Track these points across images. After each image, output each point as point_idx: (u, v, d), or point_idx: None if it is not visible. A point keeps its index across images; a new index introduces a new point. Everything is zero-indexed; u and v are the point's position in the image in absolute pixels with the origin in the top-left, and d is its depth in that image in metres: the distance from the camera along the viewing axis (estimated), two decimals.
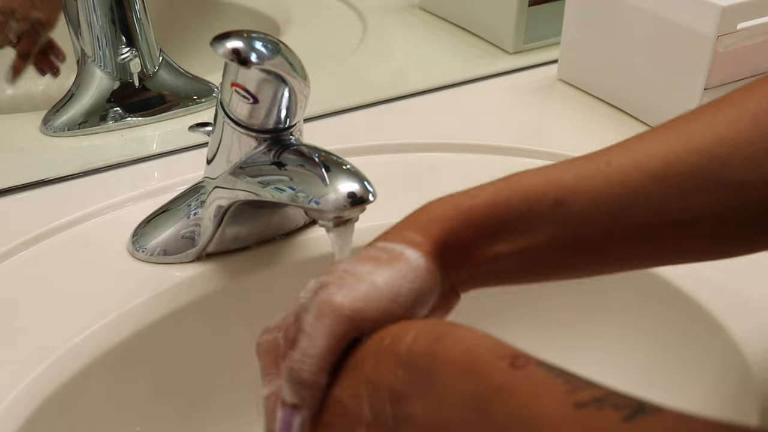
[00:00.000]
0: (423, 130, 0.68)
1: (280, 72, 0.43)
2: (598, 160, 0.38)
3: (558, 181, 0.37)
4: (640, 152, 0.37)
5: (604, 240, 0.37)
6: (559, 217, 0.37)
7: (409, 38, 0.86)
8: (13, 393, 0.44)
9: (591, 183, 0.37)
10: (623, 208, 0.36)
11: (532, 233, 0.37)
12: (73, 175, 0.62)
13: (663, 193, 0.36)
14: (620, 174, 0.37)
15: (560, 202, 0.37)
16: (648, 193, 0.36)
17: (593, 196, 0.37)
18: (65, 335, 0.47)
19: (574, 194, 0.37)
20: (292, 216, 0.55)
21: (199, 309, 0.52)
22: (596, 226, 0.37)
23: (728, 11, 0.59)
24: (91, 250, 0.55)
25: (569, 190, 0.37)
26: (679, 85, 0.64)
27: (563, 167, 0.38)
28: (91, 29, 0.66)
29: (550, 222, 0.37)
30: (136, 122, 0.69)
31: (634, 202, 0.36)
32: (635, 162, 0.37)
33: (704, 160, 0.36)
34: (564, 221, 0.37)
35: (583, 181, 0.37)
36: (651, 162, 0.36)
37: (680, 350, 0.53)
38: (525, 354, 0.29)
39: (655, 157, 0.36)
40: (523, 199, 0.37)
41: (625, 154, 0.37)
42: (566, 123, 0.70)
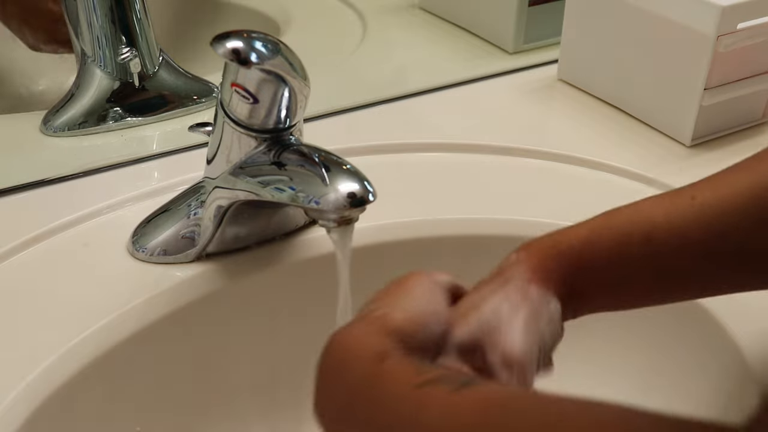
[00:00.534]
0: (423, 130, 0.68)
1: (280, 72, 0.43)
2: (685, 195, 0.39)
3: (647, 218, 0.39)
4: (726, 186, 0.39)
5: (695, 272, 0.39)
6: (648, 253, 0.38)
7: (409, 38, 0.86)
8: (13, 393, 0.44)
9: (679, 219, 0.38)
10: (712, 242, 0.38)
11: (623, 270, 0.39)
12: (73, 175, 0.62)
13: (751, 225, 0.37)
14: (708, 208, 0.38)
15: (649, 239, 0.38)
16: (736, 225, 0.37)
17: (682, 232, 0.38)
18: (65, 335, 0.47)
19: (663, 231, 0.38)
20: (292, 216, 0.55)
21: (199, 309, 0.52)
22: (686, 261, 0.38)
23: (728, 11, 0.59)
24: (91, 250, 0.55)
25: (658, 226, 0.39)
26: (679, 85, 0.64)
27: (652, 203, 0.40)
28: (91, 29, 0.66)
29: (640, 258, 0.38)
30: (136, 122, 0.68)
31: (723, 236, 0.38)
32: (721, 196, 0.38)
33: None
34: (653, 257, 0.38)
35: (672, 218, 0.39)
36: (738, 196, 0.38)
37: (680, 351, 0.53)
38: (393, 348, 0.33)
39: (742, 189, 0.38)
40: (613, 237, 0.39)
41: (711, 189, 0.39)
42: (566, 123, 0.70)
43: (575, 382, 0.56)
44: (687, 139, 0.65)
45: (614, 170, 0.63)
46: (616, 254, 0.39)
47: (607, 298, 0.40)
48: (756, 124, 0.68)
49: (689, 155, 0.64)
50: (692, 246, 0.38)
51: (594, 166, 0.63)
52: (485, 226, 0.57)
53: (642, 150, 0.65)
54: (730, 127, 0.67)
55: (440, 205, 0.59)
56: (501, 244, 0.57)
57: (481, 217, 0.58)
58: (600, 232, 0.39)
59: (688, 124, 0.64)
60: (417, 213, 0.58)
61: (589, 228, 0.40)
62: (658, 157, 0.64)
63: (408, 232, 0.57)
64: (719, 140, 0.66)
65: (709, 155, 0.64)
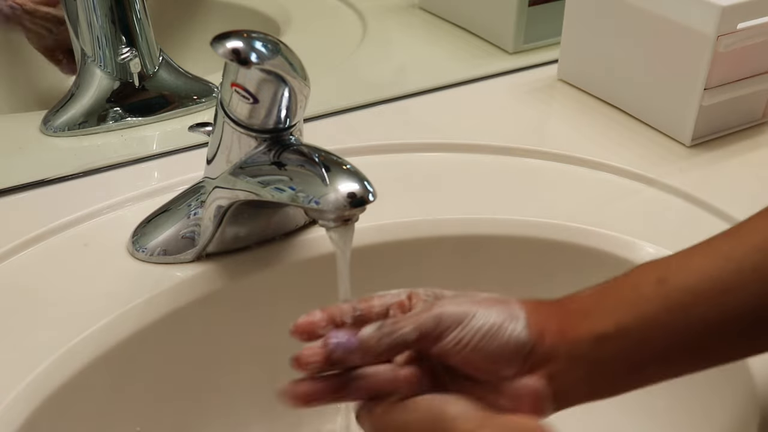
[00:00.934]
0: (423, 130, 0.68)
1: (280, 72, 0.43)
2: (701, 243, 0.39)
3: (662, 263, 0.39)
4: (744, 229, 0.38)
5: (713, 314, 0.37)
6: (662, 293, 0.37)
7: (409, 38, 0.86)
8: (13, 393, 0.44)
9: (694, 260, 0.38)
10: (730, 281, 0.36)
11: (637, 310, 0.37)
12: (73, 175, 0.62)
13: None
14: (725, 249, 0.37)
15: (662, 280, 0.37)
16: (754, 263, 0.36)
17: (697, 272, 0.37)
18: (65, 335, 0.47)
19: (677, 271, 0.38)
20: (292, 216, 0.55)
21: (199, 309, 0.52)
22: (702, 301, 0.37)
23: (728, 11, 0.59)
24: (91, 250, 0.55)
25: (672, 269, 0.38)
26: (679, 85, 0.64)
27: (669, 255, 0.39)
28: (91, 29, 0.66)
29: (654, 299, 0.37)
30: (136, 122, 0.69)
31: (741, 274, 0.36)
32: (739, 238, 0.38)
33: None
34: (667, 297, 0.37)
35: (686, 260, 0.38)
36: (755, 235, 0.37)
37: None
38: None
39: (760, 230, 0.37)
40: (626, 279, 0.39)
41: (728, 234, 0.39)
42: (566, 123, 0.70)
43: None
44: (687, 139, 0.65)
45: (614, 170, 0.63)
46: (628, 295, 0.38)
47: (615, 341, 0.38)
48: (756, 124, 0.68)
49: (689, 155, 0.64)
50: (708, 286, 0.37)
51: (594, 166, 0.63)
52: (485, 226, 0.57)
53: (642, 150, 0.65)
54: (730, 127, 0.67)
55: (440, 205, 0.59)
56: (501, 244, 0.57)
57: (481, 217, 0.58)
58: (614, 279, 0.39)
59: (688, 124, 0.64)
60: (417, 213, 0.58)
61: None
62: (658, 157, 0.64)
63: (408, 232, 0.57)
64: (719, 140, 0.66)
65: (709, 155, 0.64)
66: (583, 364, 0.37)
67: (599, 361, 0.38)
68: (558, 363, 0.37)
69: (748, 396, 0.47)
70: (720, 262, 0.37)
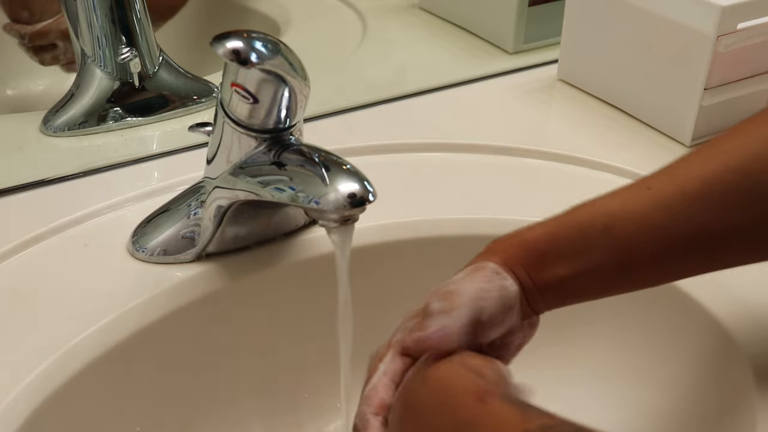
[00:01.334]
0: (423, 130, 0.68)
1: (280, 72, 0.43)
2: (641, 186, 0.41)
3: (606, 209, 0.41)
4: (681, 176, 0.41)
5: (653, 258, 0.40)
6: (608, 241, 0.41)
7: (409, 38, 0.86)
8: (13, 393, 0.44)
9: (636, 208, 0.41)
10: (667, 228, 0.40)
11: (587, 257, 0.41)
12: (73, 175, 0.62)
13: (703, 212, 0.39)
14: (662, 198, 0.40)
15: (608, 228, 0.41)
16: (689, 214, 0.40)
17: (638, 220, 0.40)
18: (65, 335, 0.47)
19: (621, 219, 0.41)
20: (292, 216, 0.55)
21: (199, 309, 0.52)
22: (644, 247, 0.40)
23: (728, 11, 0.59)
24: (91, 250, 0.55)
25: (616, 216, 0.41)
26: (679, 85, 0.64)
27: (611, 196, 0.42)
28: (91, 29, 0.66)
29: (601, 246, 0.41)
30: (136, 122, 0.69)
31: (676, 222, 0.40)
32: (675, 186, 0.40)
33: (739, 177, 0.39)
34: (614, 244, 0.40)
35: (629, 207, 0.41)
36: (690, 184, 0.40)
37: (679, 350, 0.53)
38: (491, 389, 0.34)
39: (694, 178, 0.40)
40: (575, 228, 0.41)
41: (666, 179, 0.41)
42: (566, 123, 0.70)
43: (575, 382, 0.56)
44: (687, 139, 0.65)
45: (614, 170, 0.63)
46: (578, 245, 0.41)
47: (574, 288, 0.42)
48: None
49: None
50: (648, 232, 0.40)
51: (594, 166, 0.63)
52: (485, 226, 0.57)
53: (642, 150, 0.65)
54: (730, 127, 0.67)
55: (440, 205, 0.59)
56: None
57: (481, 217, 0.58)
58: (562, 226, 0.42)
59: (688, 124, 0.64)
60: (417, 213, 0.58)
61: (554, 224, 0.42)
62: (658, 157, 0.64)
63: (408, 232, 0.57)
64: None
65: None
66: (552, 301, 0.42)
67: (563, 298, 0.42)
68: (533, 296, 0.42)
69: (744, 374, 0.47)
70: (658, 212, 0.40)
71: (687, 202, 0.40)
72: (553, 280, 0.41)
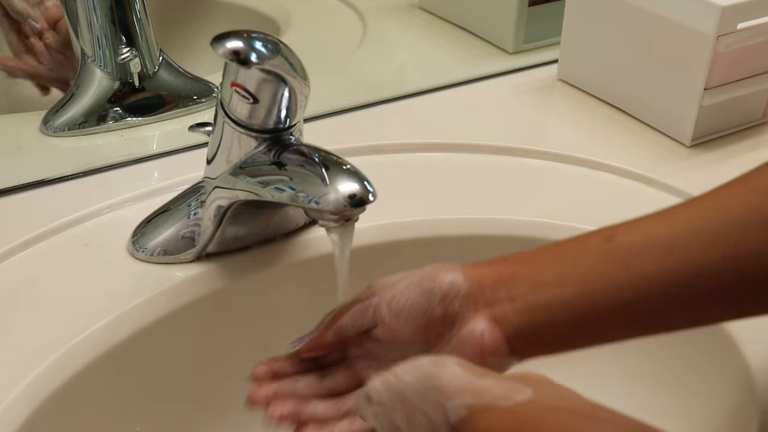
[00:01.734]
0: (423, 130, 0.68)
1: (280, 72, 0.43)
2: (657, 211, 0.39)
3: (613, 225, 0.39)
4: (699, 198, 0.38)
5: (655, 271, 0.37)
6: (606, 249, 0.38)
7: (409, 38, 0.86)
8: (13, 393, 0.44)
9: (642, 222, 0.39)
10: (673, 242, 0.37)
11: (579, 262, 0.38)
12: (73, 175, 0.62)
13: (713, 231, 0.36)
14: (673, 213, 0.38)
15: (609, 237, 0.38)
16: (699, 228, 0.37)
17: (642, 231, 0.38)
18: (65, 335, 0.47)
19: (624, 230, 0.38)
20: (292, 216, 0.55)
21: (199, 309, 0.52)
22: (644, 259, 0.37)
23: (728, 11, 0.59)
24: (91, 250, 0.55)
25: (620, 228, 0.39)
26: (679, 85, 0.64)
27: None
28: (91, 29, 0.66)
29: (597, 254, 0.38)
30: (136, 122, 0.69)
31: (684, 237, 0.37)
32: (691, 206, 0.38)
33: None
34: (611, 252, 0.38)
35: (635, 222, 0.39)
36: (705, 203, 0.38)
37: (679, 351, 0.53)
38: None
39: (711, 200, 0.38)
40: (575, 238, 0.39)
41: (684, 203, 0.39)
42: (566, 123, 0.70)
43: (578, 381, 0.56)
44: (687, 139, 0.65)
45: (614, 170, 0.63)
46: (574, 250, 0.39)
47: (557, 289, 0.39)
48: (756, 124, 0.68)
49: (689, 155, 0.64)
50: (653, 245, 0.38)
51: (594, 166, 0.63)
52: (485, 226, 0.57)
53: (642, 150, 0.65)
54: (730, 127, 0.67)
55: (440, 205, 0.59)
56: (501, 244, 0.57)
57: (481, 217, 0.58)
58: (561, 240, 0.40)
59: (688, 124, 0.64)
60: (417, 213, 0.58)
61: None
62: (658, 157, 0.64)
63: (408, 232, 0.57)
64: (719, 140, 0.66)
65: (709, 155, 0.64)
66: (524, 308, 0.38)
67: (540, 307, 0.38)
68: (500, 305, 0.38)
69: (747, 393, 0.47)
70: (666, 224, 0.38)
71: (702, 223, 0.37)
72: (535, 283, 0.38)
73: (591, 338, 0.39)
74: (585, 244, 0.39)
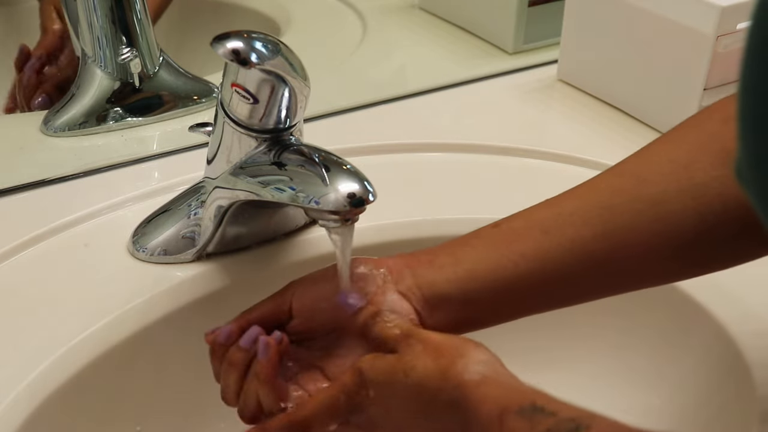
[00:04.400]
0: (423, 130, 0.68)
1: (280, 72, 0.43)
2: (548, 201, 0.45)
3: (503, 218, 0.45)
4: (583, 183, 0.44)
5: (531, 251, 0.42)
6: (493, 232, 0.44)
7: (409, 38, 0.86)
8: (13, 393, 0.44)
9: (527, 208, 0.44)
10: (548, 223, 0.42)
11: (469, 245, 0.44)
12: (73, 175, 0.62)
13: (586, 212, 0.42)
14: (553, 198, 0.44)
15: (496, 225, 0.44)
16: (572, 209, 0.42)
17: (524, 215, 0.44)
18: (65, 335, 0.47)
19: (510, 217, 0.44)
20: (292, 216, 0.55)
21: (199, 309, 0.52)
22: (524, 239, 0.42)
23: (728, 11, 0.59)
24: (91, 250, 0.55)
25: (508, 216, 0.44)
26: (678, 85, 0.64)
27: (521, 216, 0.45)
28: (92, 29, 0.66)
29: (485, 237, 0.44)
30: (137, 122, 0.69)
31: (559, 217, 0.42)
32: (573, 190, 0.44)
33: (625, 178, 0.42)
34: (495, 236, 0.43)
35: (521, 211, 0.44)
36: (585, 187, 0.43)
37: (680, 350, 0.53)
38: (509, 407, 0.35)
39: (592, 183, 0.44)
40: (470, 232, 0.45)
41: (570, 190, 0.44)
42: (566, 123, 0.70)
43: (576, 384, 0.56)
44: None
45: None
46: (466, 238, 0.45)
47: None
48: None
49: None
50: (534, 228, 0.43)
51: (594, 166, 0.63)
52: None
53: None
54: None
55: (440, 205, 0.59)
56: None
57: (481, 217, 0.58)
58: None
59: None
60: (417, 213, 0.58)
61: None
62: None
63: (408, 232, 0.57)
64: None
65: None
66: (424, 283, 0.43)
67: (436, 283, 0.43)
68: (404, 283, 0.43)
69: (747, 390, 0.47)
70: (546, 209, 0.43)
71: (576, 204, 0.42)
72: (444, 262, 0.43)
73: (484, 315, 0.44)
74: (477, 232, 0.44)
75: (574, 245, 0.41)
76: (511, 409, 0.34)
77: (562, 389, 0.53)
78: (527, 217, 0.44)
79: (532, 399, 0.35)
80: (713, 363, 0.51)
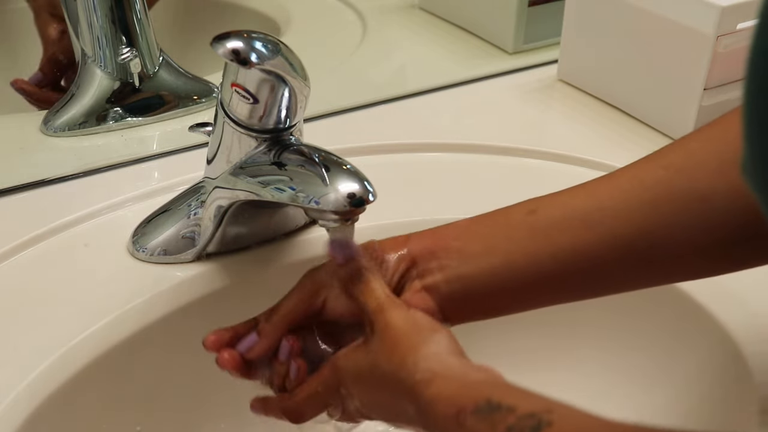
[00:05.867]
0: (423, 130, 0.68)
1: (280, 72, 0.43)
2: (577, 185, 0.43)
3: (537, 198, 0.43)
4: (617, 172, 0.42)
5: (574, 244, 0.40)
6: (529, 222, 0.42)
7: (409, 38, 0.86)
8: (13, 393, 0.44)
9: (563, 196, 0.42)
10: (590, 215, 0.40)
11: (504, 234, 0.42)
12: (73, 175, 0.62)
13: (630, 206, 0.40)
14: (591, 187, 0.42)
15: (532, 211, 0.42)
16: (614, 202, 0.40)
17: (563, 206, 0.42)
18: (65, 335, 0.47)
19: (547, 205, 0.42)
20: (292, 216, 0.55)
21: (199, 309, 0.52)
22: (565, 232, 0.41)
23: (728, 11, 0.59)
24: (91, 250, 0.55)
25: (543, 202, 0.42)
26: (678, 85, 0.64)
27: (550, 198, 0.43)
28: (92, 29, 0.66)
29: (522, 227, 0.42)
30: (137, 122, 0.69)
31: (601, 210, 0.40)
32: (609, 179, 0.42)
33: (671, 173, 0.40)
34: (533, 226, 0.41)
35: (557, 196, 0.42)
36: (622, 178, 0.41)
37: (680, 350, 0.53)
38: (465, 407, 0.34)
39: (627, 174, 0.41)
40: (501, 210, 0.43)
41: (602, 177, 0.42)
42: (566, 123, 0.70)
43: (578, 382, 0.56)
44: None
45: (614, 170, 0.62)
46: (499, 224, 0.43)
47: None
48: None
49: None
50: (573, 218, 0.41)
51: (594, 166, 0.63)
52: None
53: (642, 150, 0.64)
54: None
55: (440, 205, 0.59)
56: None
57: None
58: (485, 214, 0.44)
59: (688, 124, 0.64)
60: (417, 213, 0.58)
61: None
62: None
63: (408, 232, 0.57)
64: None
65: None
66: (453, 277, 0.42)
67: (468, 276, 0.42)
68: (431, 276, 0.42)
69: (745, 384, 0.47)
70: (585, 199, 0.41)
71: (620, 198, 0.40)
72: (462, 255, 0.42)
73: (516, 304, 0.43)
74: (509, 217, 0.43)
75: (616, 241, 0.40)
76: (467, 409, 0.34)
77: (563, 389, 0.53)
78: (564, 206, 0.42)
79: (487, 395, 0.34)
80: (714, 363, 0.51)
